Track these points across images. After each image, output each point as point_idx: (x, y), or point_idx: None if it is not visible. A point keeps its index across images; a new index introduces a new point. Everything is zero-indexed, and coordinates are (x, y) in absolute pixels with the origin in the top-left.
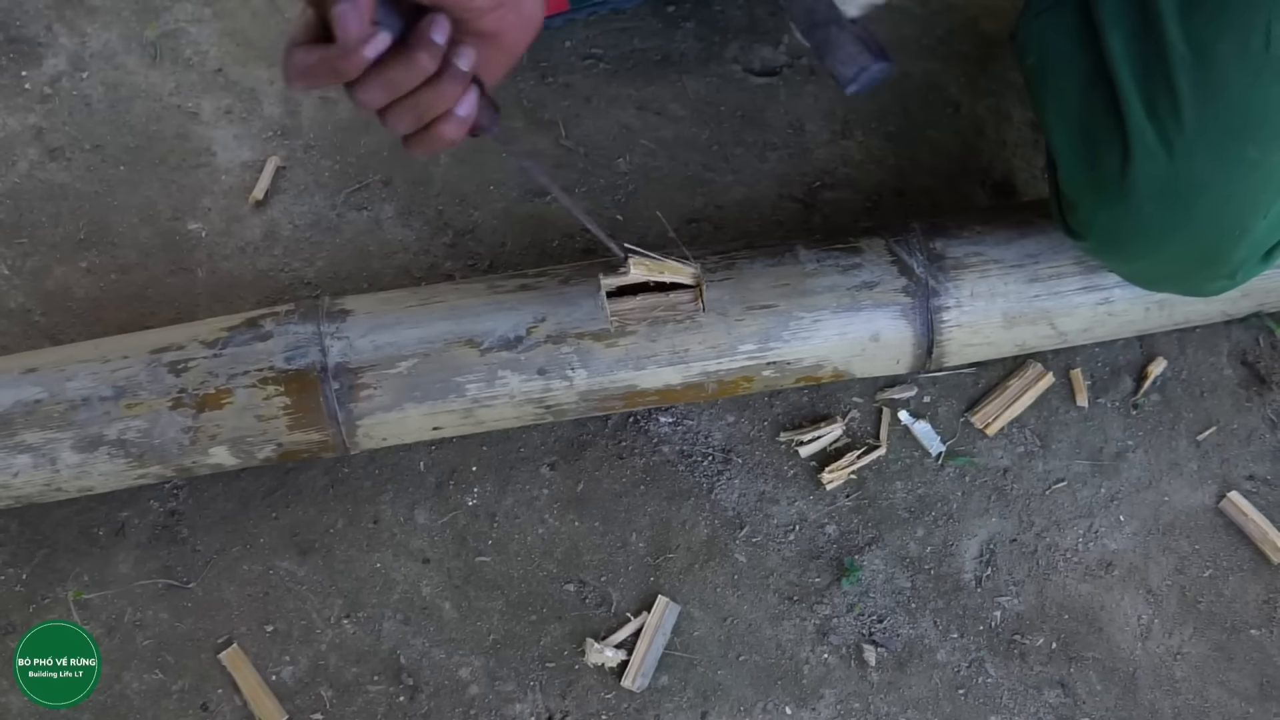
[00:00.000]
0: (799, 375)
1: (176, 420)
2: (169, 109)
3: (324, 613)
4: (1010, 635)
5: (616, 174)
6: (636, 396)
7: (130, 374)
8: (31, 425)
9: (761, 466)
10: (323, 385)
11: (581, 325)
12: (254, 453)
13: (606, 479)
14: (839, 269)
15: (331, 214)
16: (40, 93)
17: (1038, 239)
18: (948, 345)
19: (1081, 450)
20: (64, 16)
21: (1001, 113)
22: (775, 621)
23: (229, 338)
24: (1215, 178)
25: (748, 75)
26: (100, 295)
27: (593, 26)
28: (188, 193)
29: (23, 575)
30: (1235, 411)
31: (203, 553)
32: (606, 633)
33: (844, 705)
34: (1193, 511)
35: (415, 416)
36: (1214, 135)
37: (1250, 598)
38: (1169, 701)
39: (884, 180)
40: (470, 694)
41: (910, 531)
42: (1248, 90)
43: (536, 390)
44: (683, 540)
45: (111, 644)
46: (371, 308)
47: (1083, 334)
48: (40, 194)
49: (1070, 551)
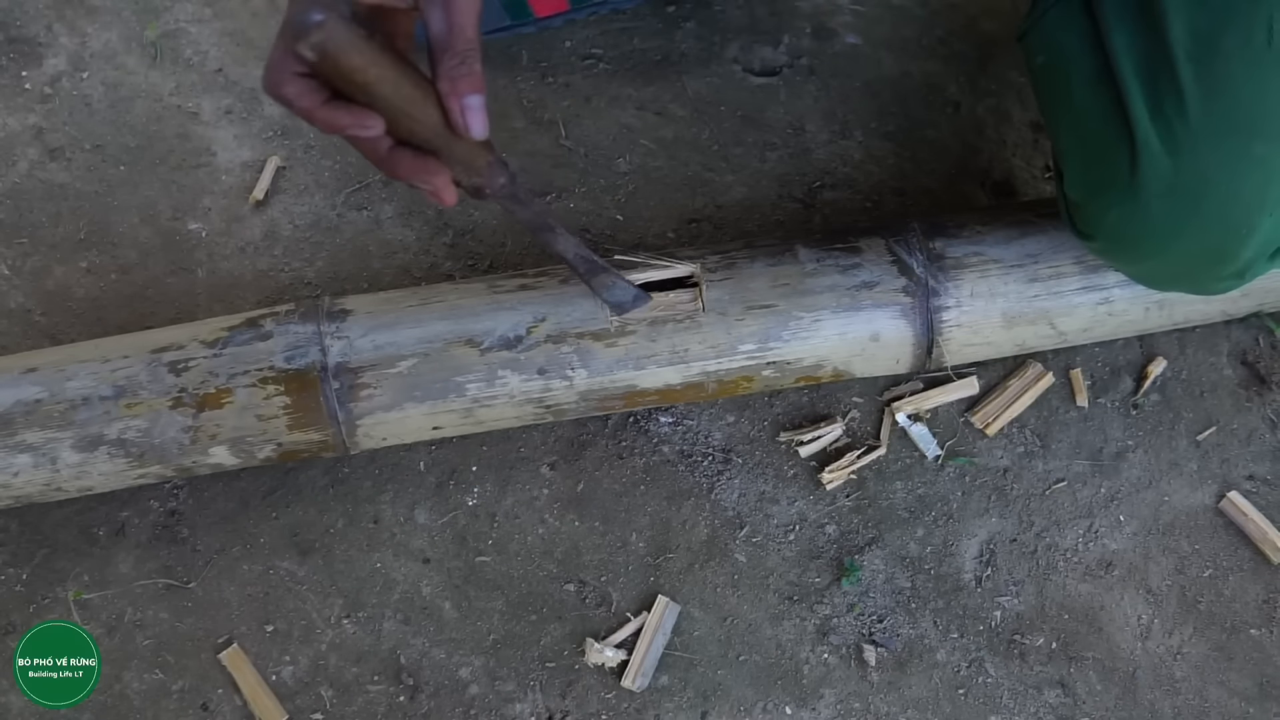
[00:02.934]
0: (799, 375)
1: (176, 420)
2: (169, 109)
3: (324, 613)
4: (1010, 635)
5: (616, 174)
6: (636, 396)
7: (130, 374)
8: (32, 425)
9: (761, 466)
10: (323, 385)
11: (581, 325)
12: (254, 452)
13: (607, 479)
14: (839, 269)
15: (331, 214)
16: (40, 93)
17: (1037, 239)
18: (948, 345)
19: (1081, 450)
20: (64, 16)
21: (1001, 113)
22: (775, 621)
23: (229, 337)
24: (1221, 174)
25: (748, 75)
26: (100, 295)
27: (593, 26)
28: (188, 193)
29: (23, 575)
30: (1235, 411)
31: (203, 553)
32: (606, 633)
33: (844, 705)
34: (1193, 511)
35: (415, 416)
36: (1219, 131)
37: (1250, 598)
38: (1169, 701)
39: (884, 180)
40: (470, 694)
41: (910, 531)
42: (1252, 85)
43: (536, 390)
44: (683, 540)
45: (111, 644)
46: (371, 307)
47: (1082, 334)
48: (40, 194)
49: (1070, 551)
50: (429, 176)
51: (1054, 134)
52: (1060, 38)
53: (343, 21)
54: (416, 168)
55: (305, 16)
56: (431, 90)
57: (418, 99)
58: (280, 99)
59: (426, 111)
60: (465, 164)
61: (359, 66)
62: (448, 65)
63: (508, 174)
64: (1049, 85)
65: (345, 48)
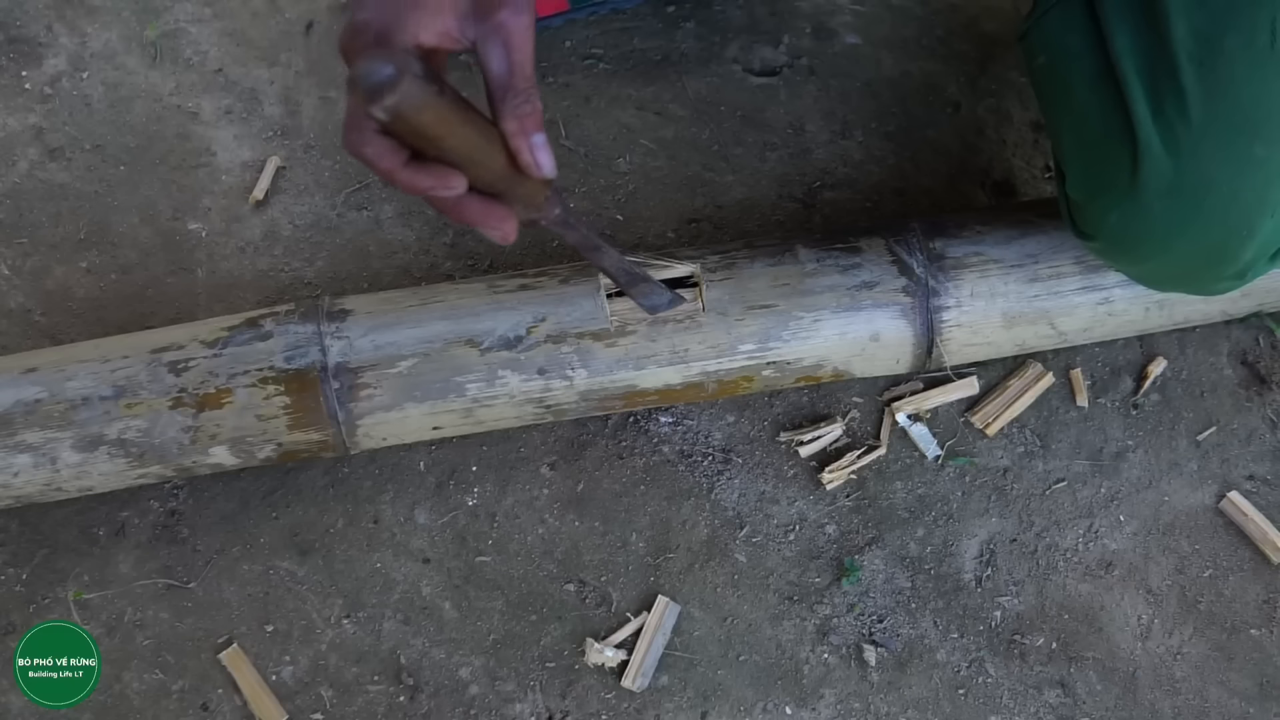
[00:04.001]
0: (799, 375)
1: (176, 420)
2: (169, 109)
3: (324, 613)
4: (1010, 635)
5: (616, 174)
6: (637, 396)
7: (130, 374)
8: (31, 425)
9: (761, 466)
10: (323, 385)
11: (581, 325)
12: (254, 452)
13: (606, 479)
14: (839, 269)
15: (331, 214)
16: (40, 93)
17: (1038, 239)
18: (948, 345)
19: (1081, 450)
20: (64, 16)
21: (1001, 113)
22: (775, 621)
23: (229, 337)
24: (1222, 175)
25: (748, 75)
26: (100, 295)
27: (593, 26)
28: (188, 193)
29: (23, 575)
30: (1235, 411)
31: (203, 553)
32: (606, 633)
33: (844, 705)
34: (1193, 511)
35: (415, 416)
36: (1221, 132)
37: (1250, 598)
38: (1169, 701)
39: (884, 180)
40: (470, 694)
41: (910, 531)
42: (1254, 86)
43: (537, 390)
44: (683, 540)
45: (111, 644)
46: (371, 307)
47: (1083, 334)
48: (40, 194)
49: (1070, 551)
50: (498, 221)
51: (1054, 135)
52: (1061, 38)
53: (416, 80)
54: (485, 212)
55: (377, 76)
56: (494, 132)
57: (484, 145)
58: (361, 159)
59: (493, 155)
60: (527, 201)
61: (431, 123)
62: (512, 104)
63: (562, 203)
64: (1050, 86)
65: (419, 107)
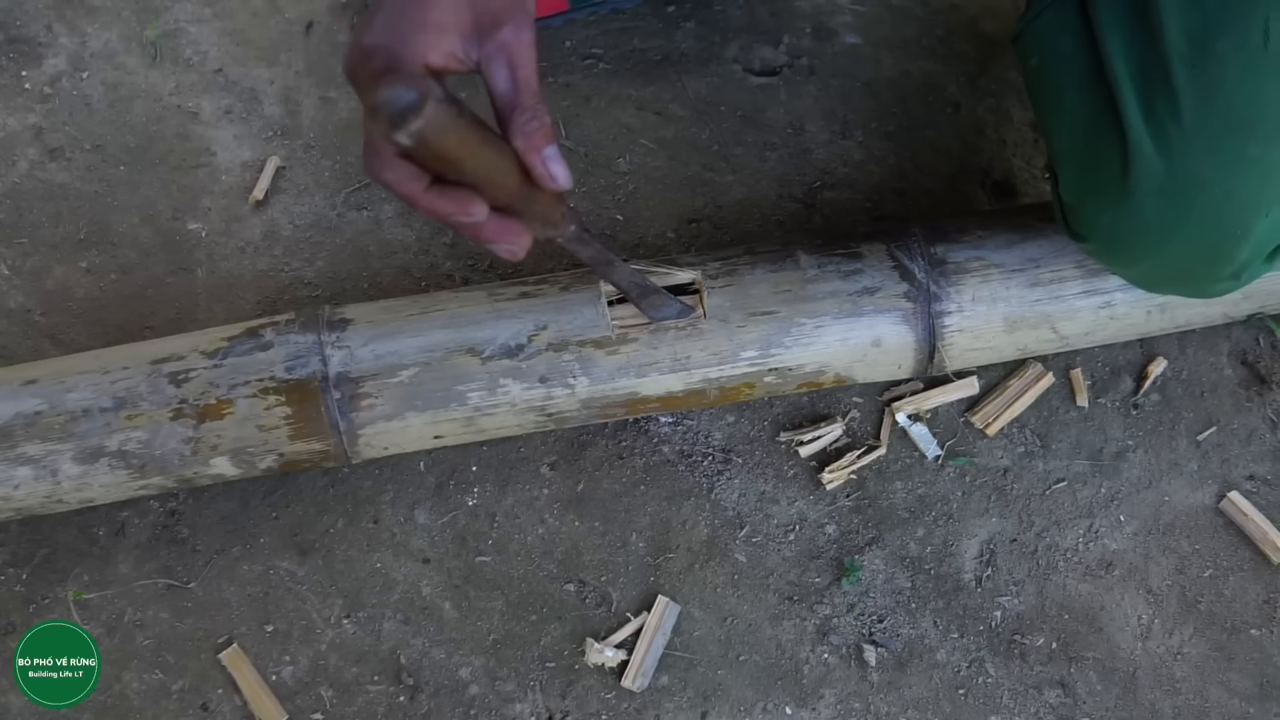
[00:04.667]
0: (801, 381)
1: (177, 431)
2: (169, 109)
3: (324, 613)
4: (1010, 635)
5: (616, 174)
6: (638, 404)
7: (130, 385)
8: (32, 437)
9: (761, 466)
10: (324, 395)
11: (583, 333)
12: (255, 463)
13: (606, 479)
14: (840, 274)
15: (331, 214)
16: (40, 93)
17: (1039, 243)
18: (949, 350)
19: (1081, 450)
20: (64, 16)
21: (1001, 113)
22: (775, 621)
23: (229, 348)
24: (1215, 176)
25: (748, 75)
26: (100, 295)
27: (593, 26)
28: (188, 193)
29: (23, 575)
30: (1235, 411)
31: (203, 553)
32: (606, 633)
33: (844, 705)
34: (1193, 511)
35: (417, 425)
36: (1213, 133)
37: (1250, 598)
38: (1169, 701)
39: (884, 180)
40: (470, 694)
41: (910, 531)
42: (1247, 87)
43: (538, 398)
44: (683, 540)
45: (111, 644)
46: (372, 316)
47: (1084, 337)
48: (40, 194)
49: (1070, 551)
50: (514, 239)
51: (1047, 136)
52: (1054, 39)
53: (439, 104)
54: (501, 231)
55: (401, 101)
56: (508, 150)
57: (502, 164)
58: (383, 184)
59: (509, 173)
60: (543, 218)
61: (454, 146)
62: (520, 121)
63: (577, 219)
64: (1043, 87)
65: (443, 131)
